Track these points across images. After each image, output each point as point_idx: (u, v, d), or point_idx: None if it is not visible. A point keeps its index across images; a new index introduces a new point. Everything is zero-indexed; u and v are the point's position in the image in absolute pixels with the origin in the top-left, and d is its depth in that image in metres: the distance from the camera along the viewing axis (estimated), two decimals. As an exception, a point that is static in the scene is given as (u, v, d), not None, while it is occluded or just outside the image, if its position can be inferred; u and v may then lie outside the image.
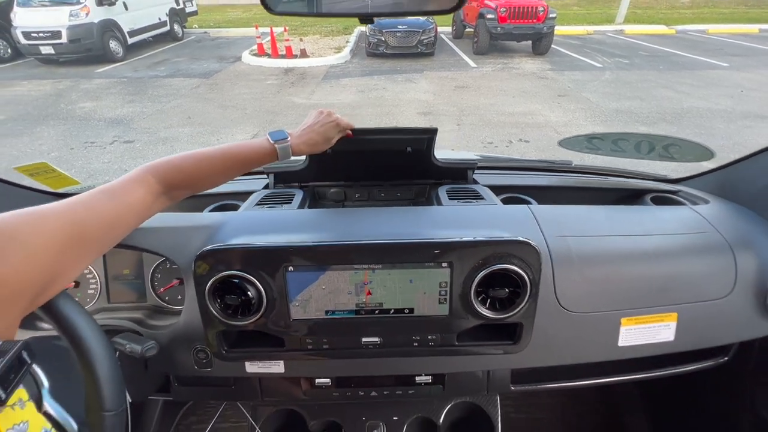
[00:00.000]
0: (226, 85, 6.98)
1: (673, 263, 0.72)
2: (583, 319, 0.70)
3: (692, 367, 0.83)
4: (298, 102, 6.04)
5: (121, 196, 0.55)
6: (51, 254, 0.44)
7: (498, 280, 0.63)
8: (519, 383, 0.83)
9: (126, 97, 6.35)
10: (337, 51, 8.81)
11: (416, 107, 5.69)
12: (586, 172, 1.02)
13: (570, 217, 0.78)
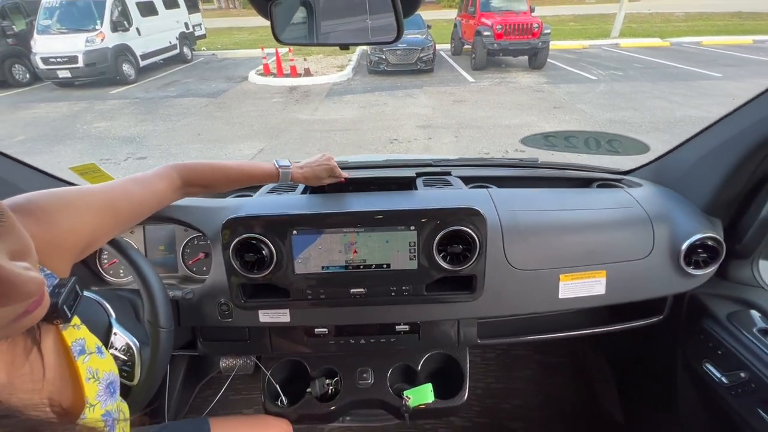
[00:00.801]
0: (234, 103, 7.25)
1: (603, 231, 0.89)
2: (528, 275, 0.85)
3: (635, 323, 0.96)
4: (303, 118, 6.25)
5: (148, 185, 0.68)
6: (95, 221, 0.57)
7: (454, 240, 0.79)
8: (485, 338, 0.96)
9: (138, 116, 6.62)
10: (339, 69, 9.13)
11: (416, 121, 5.87)
12: (548, 167, 1.17)
13: (521, 197, 0.94)
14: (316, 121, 6.08)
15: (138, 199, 0.66)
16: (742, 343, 0.82)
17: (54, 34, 8.51)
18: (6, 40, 8.91)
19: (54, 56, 8.25)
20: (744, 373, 0.80)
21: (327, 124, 5.92)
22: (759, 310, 0.87)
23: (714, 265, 0.88)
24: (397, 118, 6.05)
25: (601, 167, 1.18)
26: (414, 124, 5.72)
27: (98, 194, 0.60)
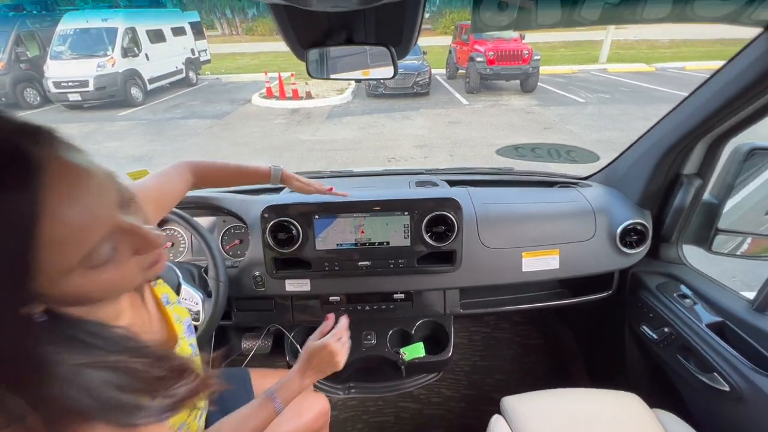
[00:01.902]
0: (238, 125, 7.55)
1: (556, 219, 1.13)
2: (497, 252, 1.07)
3: (591, 297, 1.18)
4: (304, 138, 6.54)
5: (168, 180, 0.83)
6: (147, 205, 0.70)
7: (438, 222, 1.03)
8: (467, 308, 1.17)
9: (147, 137, 6.90)
10: (339, 92, 9.53)
11: (412, 141, 6.15)
12: (521, 174, 1.41)
13: (493, 193, 1.19)
14: (318, 141, 6.36)
15: (162, 190, 0.81)
16: (667, 306, 1.04)
17: (66, 60, 8.88)
18: (20, 65, 9.30)
19: (66, 80, 8.59)
20: (668, 329, 1.01)
21: (328, 144, 6.19)
22: (680, 281, 1.10)
23: (643, 245, 1.11)
24: (394, 138, 6.32)
25: (564, 174, 1.42)
26: (411, 144, 5.99)
27: (143, 186, 0.78)
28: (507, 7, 0.79)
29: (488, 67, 8.92)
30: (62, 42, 9.07)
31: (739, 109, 0.84)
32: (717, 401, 0.89)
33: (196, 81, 12.08)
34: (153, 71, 10.11)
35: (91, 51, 9.02)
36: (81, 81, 8.63)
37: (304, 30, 0.75)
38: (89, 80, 8.63)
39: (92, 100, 8.81)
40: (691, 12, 0.74)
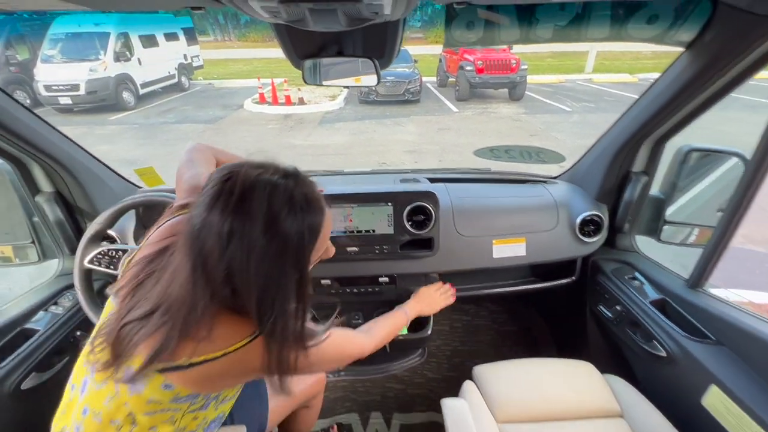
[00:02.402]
0: (230, 129, 7.62)
1: (523, 212, 1.27)
2: (471, 240, 1.20)
3: (557, 282, 1.32)
4: (297, 143, 6.64)
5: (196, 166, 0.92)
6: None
7: (418, 212, 1.15)
8: None
9: (138, 141, 6.92)
10: (332, 99, 9.67)
11: (403, 146, 6.29)
12: (498, 173, 1.55)
13: (468, 189, 1.33)
14: (310, 146, 6.46)
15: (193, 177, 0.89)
16: (620, 288, 1.18)
17: (57, 63, 8.86)
18: (9, 68, 9.26)
19: (56, 84, 8.55)
20: (620, 307, 1.15)
21: (320, 149, 6.30)
22: (632, 266, 1.24)
23: (599, 234, 1.25)
24: (385, 144, 6.46)
25: (536, 174, 1.57)
26: (401, 150, 6.13)
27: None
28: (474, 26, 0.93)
29: (477, 76, 9.16)
30: (53, 46, 9.04)
31: (671, 114, 0.99)
32: (655, 365, 1.03)
33: (189, 86, 12.11)
34: (145, 76, 10.13)
35: (82, 55, 9.00)
36: (72, 85, 8.60)
37: (300, 43, 0.87)
38: (80, 84, 8.60)
39: (83, 103, 8.77)
40: (626, 33, 0.89)
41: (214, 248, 0.52)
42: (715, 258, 0.94)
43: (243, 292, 0.55)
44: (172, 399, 0.59)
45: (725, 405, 0.83)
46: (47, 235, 1.20)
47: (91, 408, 0.60)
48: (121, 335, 0.56)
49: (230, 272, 0.53)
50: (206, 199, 0.54)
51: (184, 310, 0.53)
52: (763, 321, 0.85)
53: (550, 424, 0.93)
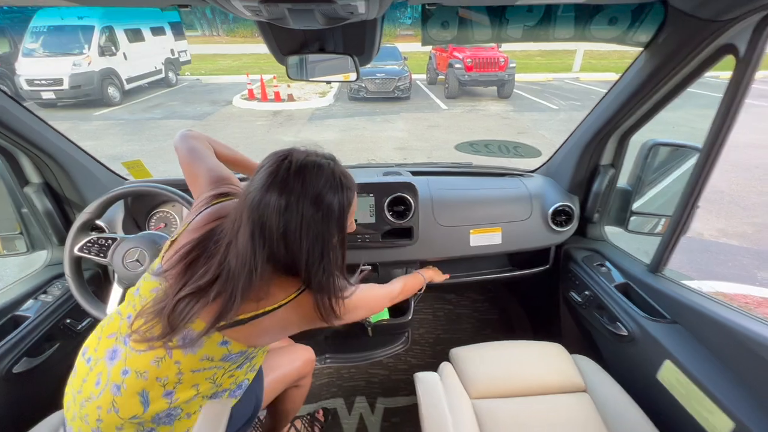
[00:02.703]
0: (219, 125, 7.56)
1: (499, 203, 1.33)
2: (449, 229, 1.26)
3: (533, 270, 1.38)
4: (286, 140, 6.63)
5: (205, 158, 0.96)
6: None
7: (398, 203, 1.19)
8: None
9: (124, 137, 6.83)
10: (322, 95, 9.66)
11: (392, 143, 6.33)
12: (478, 167, 1.61)
13: (447, 181, 1.38)
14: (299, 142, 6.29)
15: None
16: (588, 274, 1.25)
17: (39, 57, 8.66)
18: (-12, 62, 9.03)
19: (39, 78, 8.37)
20: (588, 292, 1.23)
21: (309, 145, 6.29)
22: (600, 254, 1.32)
23: (570, 224, 1.32)
24: (375, 140, 6.49)
25: (515, 168, 1.63)
26: (391, 147, 6.16)
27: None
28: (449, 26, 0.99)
29: (466, 74, 9.24)
30: (35, 39, 8.82)
31: (633, 110, 1.06)
32: (618, 344, 1.10)
33: (176, 81, 11.95)
34: (131, 71, 9.96)
35: (65, 49, 8.80)
36: (55, 79, 8.42)
37: (283, 40, 0.92)
38: (64, 79, 8.43)
39: (67, 98, 8.61)
40: (589, 34, 0.96)
41: (273, 216, 0.63)
42: (672, 244, 1.01)
43: (295, 251, 0.66)
44: (222, 357, 0.69)
45: (677, 378, 0.90)
46: (36, 226, 1.22)
47: (134, 369, 0.67)
48: (177, 309, 0.63)
49: (286, 235, 0.64)
50: (264, 177, 0.66)
51: (244, 274, 0.63)
52: (712, 300, 0.93)
53: (519, 399, 0.99)
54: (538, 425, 0.92)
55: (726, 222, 3.76)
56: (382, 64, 9.41)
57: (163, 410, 0.68)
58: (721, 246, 3.39)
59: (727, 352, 0.84)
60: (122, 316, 0.72)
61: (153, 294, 0.69)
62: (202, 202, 0.80)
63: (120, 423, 0.67)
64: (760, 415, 0.75)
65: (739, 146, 5.88)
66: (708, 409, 0.82)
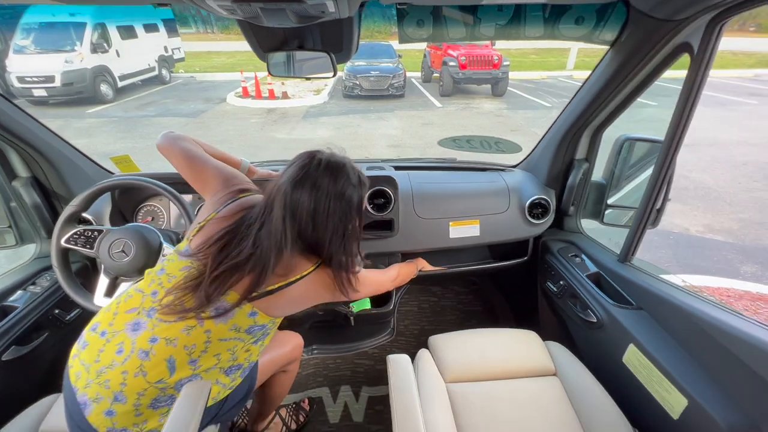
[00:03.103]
0: (213, 123, 7.54)
1: (478, 196, 1.38)
2: (429, 222, 1.30)
3: (512, 261, 1.43)
4: (280, 137, 6.63)
5: (206, 160, 1.01)
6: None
7: (379, 196, 1.23)
8: None
9: (118, 134, 6.79)
10: (316, 93, 9.66)
11: (386, 141, 6.35)
12: (461, 163, 1.65)
13: (429, 175, 1.43)
14: (293, 140, 6.47)
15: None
16: (563, 265, 1.29)
17: (31, 54, 8.59)
18: (-21, 59, 8.93)
19: (30, 75, 8.30)
20: (563, 282, 1.27)
21: (303, 143, 6.31)
22: (575, 245, 1.36)
23: (546, 216, 1.37)
24: (369, 138, 6.50)
25: (497, 163, 1.68)
26: (385, 144, 6.18)
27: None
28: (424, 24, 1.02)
29: (460, 72, 9.27)
30: (26, 35, 8.73)
31: (602, 106, 1.11)
32: (588, 330, 1.15)
33: (170, 79, 11.89)
34: (124, 68, 9.90)
35: (57, 46, 8.72)
36: (47, 77, 8.35)
37: (264, 37, 0.95)
38: (56, 76, 8.36)
39: (59, 96, 8.53)
40: (558, 32, 1.00)
41: (305, 201, 0.77)
42: (639, 235, 1.06)
43: (321, 232, 0.79)
44: (248, 328, 0.78)
45: (640, 360, 0.95)
46: (24, 219, 1.25)
47: (164, 337, 0.73)
48: (215, 283, 0.73)
49: (315, 218, 0.77)
50: (296, 171, 0.79)
51: (275, 251, 0.75)
52: (674, 287, 0.97)
53: (491, 382, 1.03)
54: (508, 406, 0.96)
55: (712, 218, 3.83)
56: (376, 61, 9.43)
57: (187, 377, 0.75)
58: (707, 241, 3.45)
59: (686, 336, 0.89)
60: (144, 293, 0.78)
61: (183, 272, 0.77)
62: (226, 196, 0.90)
63: (145, 387, 0.72)
64: (711, 391, 0.79)
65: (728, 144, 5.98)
66: (666, 389, 0.87)
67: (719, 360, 0.80)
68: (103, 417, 0.72)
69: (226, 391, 0.86)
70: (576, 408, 0.97)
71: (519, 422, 0.93)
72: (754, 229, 3.62)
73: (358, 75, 8.93)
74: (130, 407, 0.72)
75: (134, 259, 1.01)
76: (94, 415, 0.72)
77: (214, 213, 0.86)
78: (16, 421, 0.91)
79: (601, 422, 0.91)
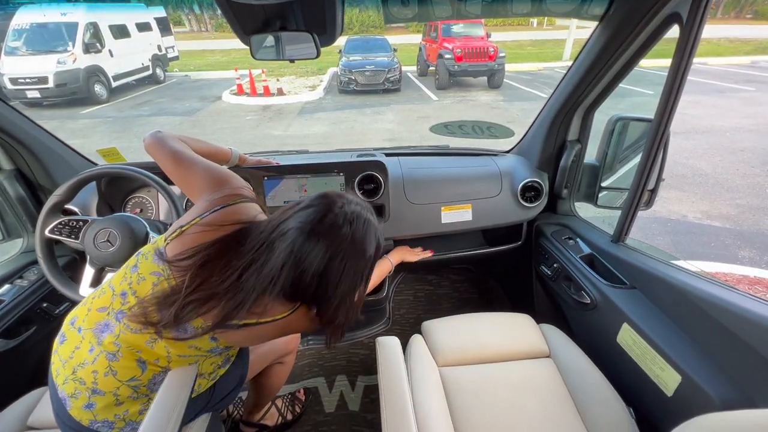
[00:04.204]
0: (208, 121, 7.51)
1: (470, 181, 1.37)
2: (420, 207, 1.29)
3: (506, 246, 1.42)
4: (276, 134, 6.61)
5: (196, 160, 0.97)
6: None
7: (368, 181, 1.22)
8: None
9: (113, 134, 6.77)
10: (311, 89, 9.61)
11: (382, 135, 6.33)
12: (454, 149, 1.63)
13: (419, 161, 1.42)
14: (289, 136, 6.44)
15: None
16: (557, 248, 1.28)
17: (23, 55, 8.53)
18: (-29, 62, 8.86)
19: (23, 77, 8.25)
20: (557, 265, 1.26)
21: (299, 139, 6.29)
22: (569, 228, 1.35)
23: (539, 200, 1.35)
24: (365, 132, 6.48)
25: (490, 149, 1.66)
26: (381, 138, 6.16)
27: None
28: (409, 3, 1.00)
29: (456, 64, 9.22)
30: (17, 37, 8.66)
31: (593, 84, 1.09)
32: (582, 312, 1.14)
33: (164, 78, 11.82)
34: (117, 68, 9.84)
35: (49, 46, 8.66)
36: (40, 78, 8.30)
37: (245, 19, 0.93)
38: (49, 77, 8.31)
39: (52, 97, 8.50)
40: (546, 8, 0.98)
41: (316, 259, 0.66)
42: (631, 214, 1.04)
43: (329, 293, 0.70)
44: (210, 349, 0.75)
45: (633, 339, 0.94)
46: (10, 213, 1.23)
47: (128, 345, 0.71)
48: (186, 309, 0.66)
49: (321, 281, 0.68)
50: (312, 217, 0.68)
51: (255, 294, 0.66)
52: (666, 265, 0.96)
53: (484, 365, 1.02)
54: (502, 388, 0.95)
55: (710, 204, 3.82)
56: (372, 56, 9.37)
57: (158, 373, 0.73)
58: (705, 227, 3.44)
59: (678, 312, 0.88)
60: (115, 292, 0.74)
61: (154, 278, 0.71)
62: (216, 201, 0.80)
63: (118, 385, 0.71)
64: (704, 367, 0.78)
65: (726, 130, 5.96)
66: (660, 366, 0.86)
67: (713, 335, 0.79)
68: (83, 410, 0.72)
69: (209, 383, 0.86)
70: (570, 388, 0.96)
71: (513, 404, 0.92)
72: (752, 214, 3.62)
73: (354, 70, 8.88)
74: (110, 398, 0.71)
75: (119, 249, 1.00)
76: (74, 410, 0.72)
77: (198, 218, 0.77)
78: (4, 414, 0.90)
79: (595, 401, 0.90)
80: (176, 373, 0.72)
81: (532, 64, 13.18)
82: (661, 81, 0.85)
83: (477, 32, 10.31)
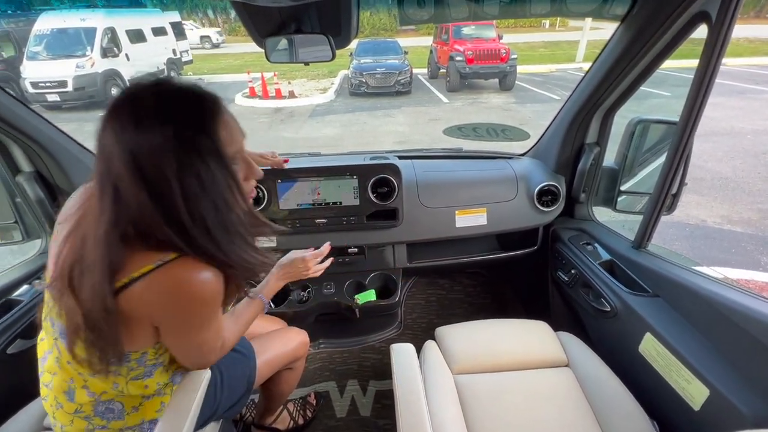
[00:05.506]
0: (221, 123, 7.62)
1: (485, 184, 1.34)
2: (434, 211, 1.27)
3: (521, 251, 1.39)
4: (287, 136, 6.66)
5: None
6: None
7: (382, 184, 1.21)
8: (414, 261, 1.36)
9: (128, 136, 6.92)
10: (322, 92, 9.67)
11: (393, 137, 6.33)
12: (468, 152, 1.61)
13: (433, 164, 1.40)
14: (300, 138, 6.48)
15: None
16: (575, 253, 1.25)
17: (44, 60, 8.77)
18: (-5, 66, 9.16)
19: (43, 81, 8.48)
20: (574, 271, 1.23)
21: (310, 141, 6.32)
22: (587, 233, 1.31)
23: (556, 204, 1.32)
24: (376, 135, 6.49)
25: (505, 152, 1.63)
26: (392, 140, 6.16)
27: None
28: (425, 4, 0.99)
29: (467, 66, 9.18)
30: (39, 42, 8.92)
31: (614, 86, 1.06)
32: (602, 320, 1.10)
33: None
34: (134, 71, 10.04)
35: (69, 51, 8.90)
36: (59, 81, 8.53)
37: (260, 22, 0.93)
38: (68, 81, 8.54)
39: (71, 100, 8.72)
40: (566, 8, 0.95)
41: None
42: (654, 220, 1.01)
43: (181, 217, 0.58)
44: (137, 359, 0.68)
45: (656, 349, 0.90)
46: (29, 214, 1.25)
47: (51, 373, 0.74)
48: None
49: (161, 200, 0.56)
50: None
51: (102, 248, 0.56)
52: (691, 272, 0.93)
53: (500, 373, 1.00)
54: (518, 397, 0.93)
55: (730, 208, 3.71)
56: (382, 58, 9.40)
57: (90, 402, 0.70)
58: (725, 232, 3.35)
59: (705, 322, 0.84)
60: (47, 301, 0.71)
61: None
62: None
63: (71, 419, 0.71)
64: (734, 380, 0.75)
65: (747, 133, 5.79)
66: (686, 378, 0.82)
67: (742, 346, 0.75)
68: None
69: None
70: (590, 399, 0.93)
71: (530, 414, 0.89)
72: (775, 219, 3.50)
73: (365, 72, 8.91)
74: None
75: None
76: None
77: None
78: (21, 414, 0.91)
79: (616, 413, 0.87)
80: (189, 376, 0.72)
81: (545, 66, 13.05)
82: (675, 82, 0.82)
83: (488, 34, 10.25)
